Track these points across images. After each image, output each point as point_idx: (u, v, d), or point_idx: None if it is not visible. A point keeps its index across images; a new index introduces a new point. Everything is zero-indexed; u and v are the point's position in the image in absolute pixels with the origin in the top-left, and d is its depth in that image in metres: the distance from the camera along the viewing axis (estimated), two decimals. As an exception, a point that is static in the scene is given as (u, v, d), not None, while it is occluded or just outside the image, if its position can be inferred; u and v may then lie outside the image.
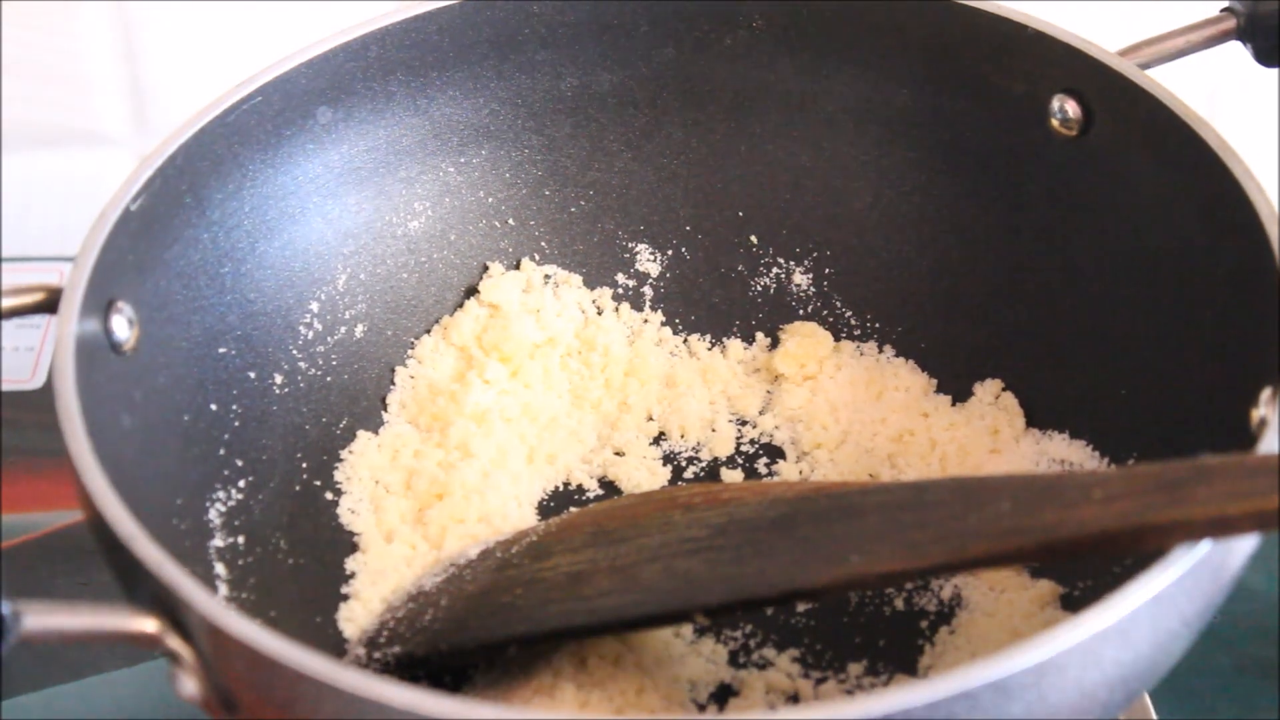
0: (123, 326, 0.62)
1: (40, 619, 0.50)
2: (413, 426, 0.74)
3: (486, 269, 0.77)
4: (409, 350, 0.76)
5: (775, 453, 0.74)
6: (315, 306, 0.73)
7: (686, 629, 0.65)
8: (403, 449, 0.73)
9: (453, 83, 0.76)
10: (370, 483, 0.72)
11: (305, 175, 0.72)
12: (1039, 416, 0.72)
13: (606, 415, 0.75)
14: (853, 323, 0.77)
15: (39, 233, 1.00)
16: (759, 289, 0.78)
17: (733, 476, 0.73)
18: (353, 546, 0.70)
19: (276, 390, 0.71)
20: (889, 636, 0.65)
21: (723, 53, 0.77)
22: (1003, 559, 0.55)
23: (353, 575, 0.68)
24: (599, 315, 0.78)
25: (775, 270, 0.78)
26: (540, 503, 0.72)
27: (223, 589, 0.64)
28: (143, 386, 0.63)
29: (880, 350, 0.76)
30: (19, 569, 0.80)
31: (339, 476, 0.72)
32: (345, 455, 0.72)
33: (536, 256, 0.78)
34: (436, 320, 0.76)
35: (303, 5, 0.94)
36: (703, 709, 0.63)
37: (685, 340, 0.78)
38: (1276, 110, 0.94)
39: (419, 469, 0.71)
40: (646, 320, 0.78)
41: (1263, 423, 0.56)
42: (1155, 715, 0.69)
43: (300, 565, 0.68)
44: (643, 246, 0.79)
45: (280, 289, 0.72)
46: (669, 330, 0.78)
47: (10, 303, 0.61)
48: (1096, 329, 0.70)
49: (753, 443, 0.74)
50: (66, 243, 0.71)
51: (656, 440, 0.75)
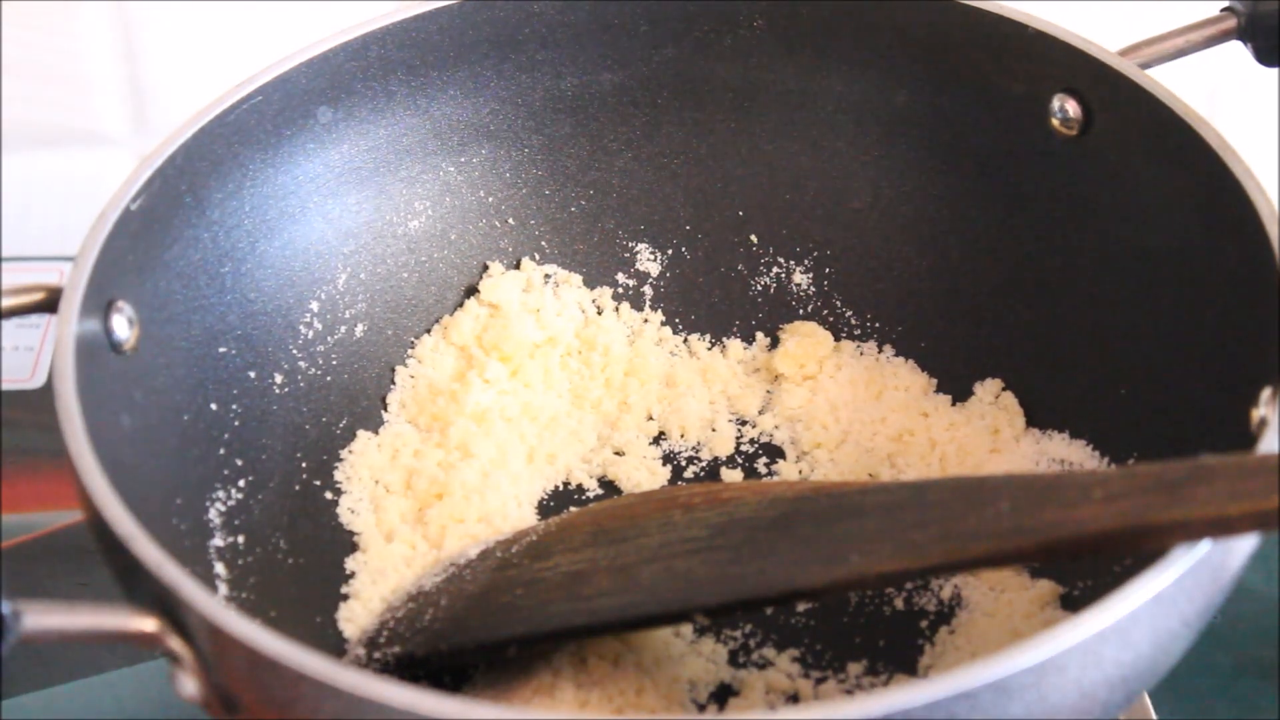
0: (123, 326, 0.62)
1: (40, 619, 0.50)
2: (413, 426, 0.74)
3: (486, 268, 0.77)
4: (409, 350, 0.76)
5: (775, 453, 0.74)
6: (315, 306, 0.73)
7: (686, 629, 0.65)
8: (403, 449, 0.73)
9: (453, 82, 0.76)
10: (370, 482, 0.72)
11: (305, 175, 0.72)
12: (1039, 416, 0.72)
13: (606, 415, 0.75)
14: (853, 322, 0.77)
15: (39, 233, 1.00)
16: (759, 289, 0.78)
17: (733, 476, 0.73)
18: (353, 546, 0.70)
19: (276, 390, 0.71)
20: (889, 636, 0.65)
21: (723, 53, 0.77)
22: (1003, 559, 0.55)
23: (352, 575, 0.68)
24: (599, 315, 0.78)
25: (775, 270, 0.78)
26: (540, 502, 0.72)
27: (223, 589, 0.64)
28: (143, 386, 0.63)
29: (880, 350, 0.76)
30: (19, 569, 0.80)
31: (339, 476, 0.72)
32: (345, 455, 0.72)
33: (536, 256, 0.78)
34: (436, 320, 0.76)
35: (303, 5, 0.94)
36: (703, 709, 0.63)
37: (685, 340, 0.78)
38: (1276, 110, 0.94)
39: (419, 469, 0.71)
40: (646, 320, 0.78)
41: (1263, 422, 0.56)
42: (1155, 715, 0.69)
43: (300, 565, 0.68)
44: (643, 246, 0.79)
45: (280, 288, 0.72)
46: (669, 330, 0.78)
47: (10, 302, 0.61)
48: (1097, 328, 0.70)
49: (753, 443, 0.74)
50: (66, 243, 0.71)
51: (656, 440, 0.75)
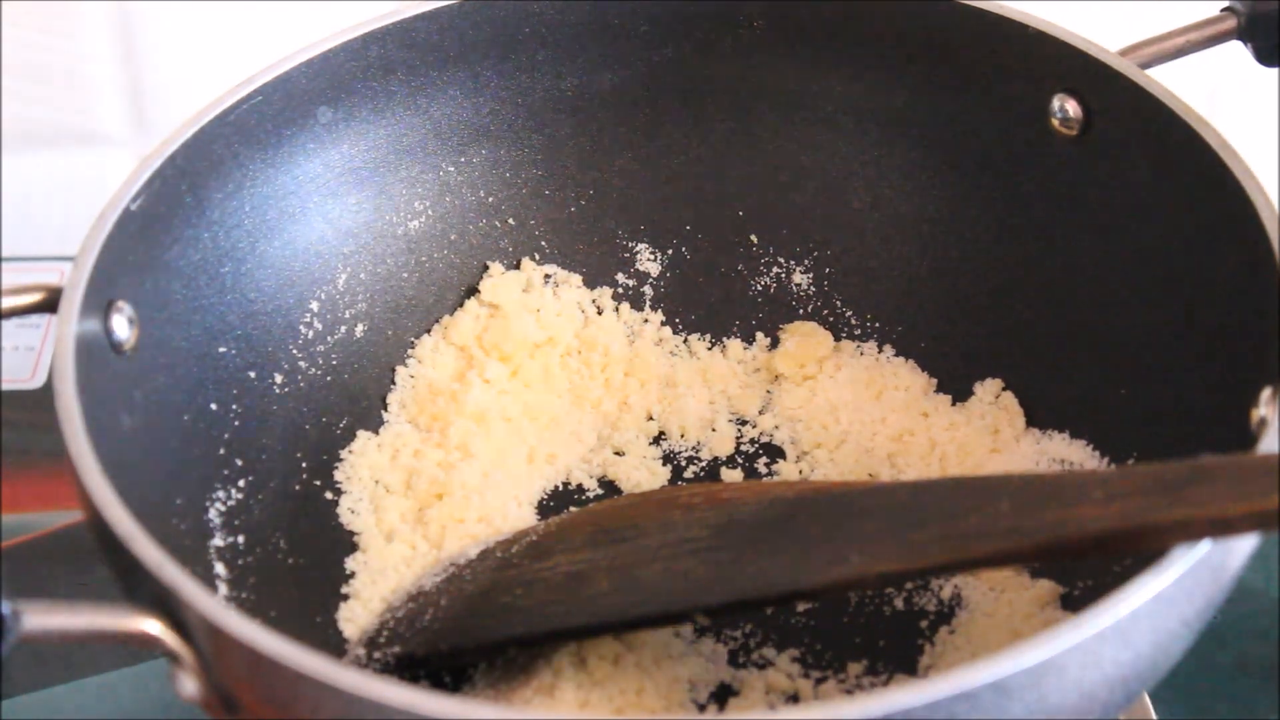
0: (123, 326, 0.62)
1: (40, 619, 0.50)
2: (413, 426, 0.74)
3: (487, 269, 0.77)
4: (409, 350, 0.76)
5: (775, 452, 0.74)
6: (315, 306, 0.73)
7: (686, 629, 0.65)
8: (403, 449, 0.72)
9: (453, 82, 0.76)
10: (370, 482, 0.72)
11: (305, 175, 0.72)
12: (1039, 416, 0.72)
13: (606, 415, 0.75)
14: (853, 322, 0.77)
15: (39, 233, 1.00)
16: (759, 289, 0.78)
17: (733, 476, 0.73)
18: (352, 546, 0.70)
19: (276, 390, 0.71)
20: (889, 636, 0.65)
21: (723, 53, 0.77)
22: (1004, 559, 0.55)
23: (352, 575, 0.68)
24: (599, 315, 0.78)
25: (775, 270, 0.78)
26: (540, 502, 0.72)
27: (222, 589, 0.64)
28: (143, 386, 0.63)
29: (880, 350, 0.76)
30: (19, 569, 0.80)
31: (339, 476, 0.72)
32: (345, 455, 0.72)
33: (536, 256, 0.78)
34: (437, 320, 0.76)
35: (302, 5, 0.94)
36: (703, 709, 0.63)
37: (685, 340, 0.78)
38: (1276, 110, 0.94)
39: (419, 469, 0.71)
40: (646, 320, 0.78)
41: (1263, 422, 0.56)
42: (1155, 715, 0.69)
43: (300, 565, 0.68)
44: (643, 246, 0.79)
45: (280, 288, 0.72)
46: (669, 330, 0.78)
47: (10, 303, 0.61)
48: (1097, 328, 0.70)
49: (753, 442, 0.74)
50: (66, 243, 0.71)
51: (656, 440, 0.75)
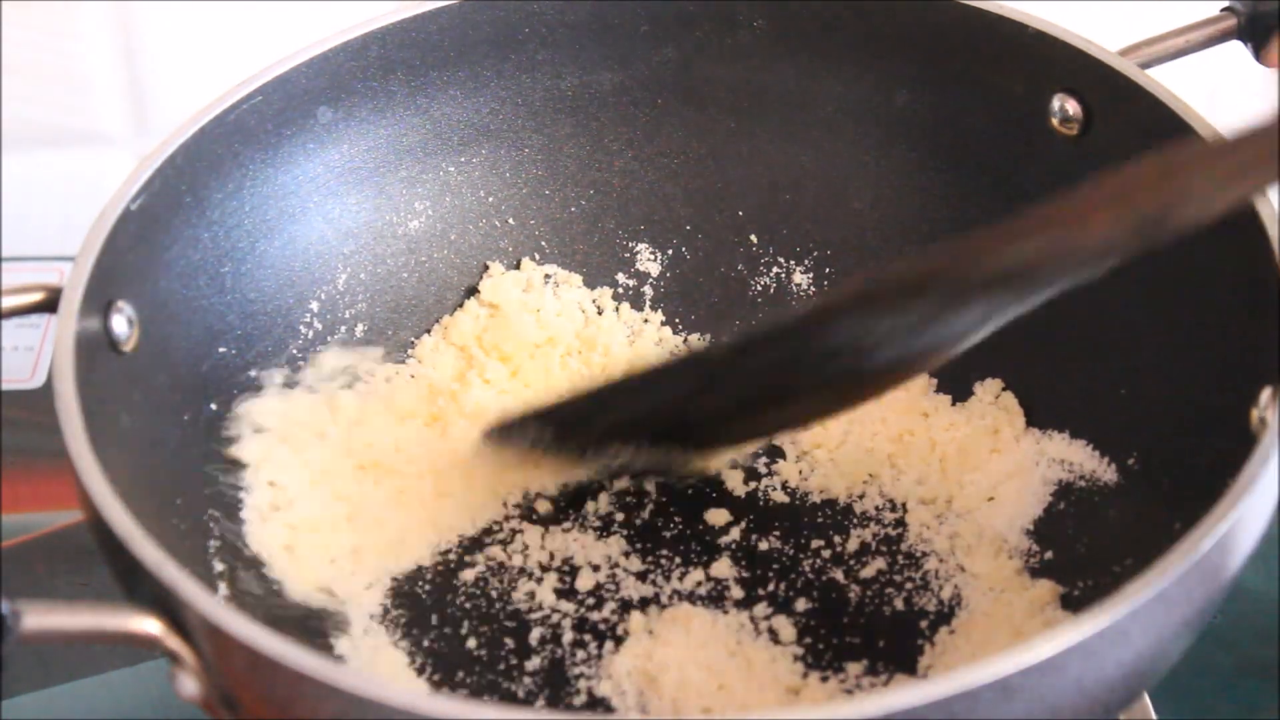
0: (123, 326, 0.62)
1: (40, 619, 0.50)
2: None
3: (487, 269, 0.77)
4: (409, 350, 0.76)
5: (775, 452, 0.73)
6: (315, 306, 0.73)
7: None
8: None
9: (453, 82, 0.76)
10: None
11: (305, 175, 0.72)
12: (1039, 416, 0.72)
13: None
14: (853, 322, 0.77)
15: (39, 233, 1.00)
16: (759, 289, 0.78)
17: (732, 476, 0.73)
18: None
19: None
20: (889, 636, 0.65)
21: (723, 53, 0.77)
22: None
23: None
24: (599, 315, 0.78)
25: (775, 270, 0.78)
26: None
27: (222, 588, 0.64)
28: (142, 386, 0.63)
29: (880, 350, 0.76)
30: (19, 569, 0.80)
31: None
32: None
33: (537, 256, 0.78)
34: (437, 320, 0.76)
35: (303, 5, 0.94)
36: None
37: (685, 340, 0.78)
38: (1277, 111, 0.94)
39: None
40: (646, 320, 0.78)
41: (1263, 423, 0.57)
42: (1155, 715, 0.69)
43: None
44: (643, 246, 0.79)
45: (280, 288, 0.72)
46: (669, 330, 0.78)
47: (10, 302, 0.61)
48: (1097, 328, 0.70)
49: (753, 442, 0.74)
50: (66, 243, 0.71)
51: (656, 440, 0.75)
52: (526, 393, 0.74)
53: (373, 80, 0.74)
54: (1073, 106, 0.70)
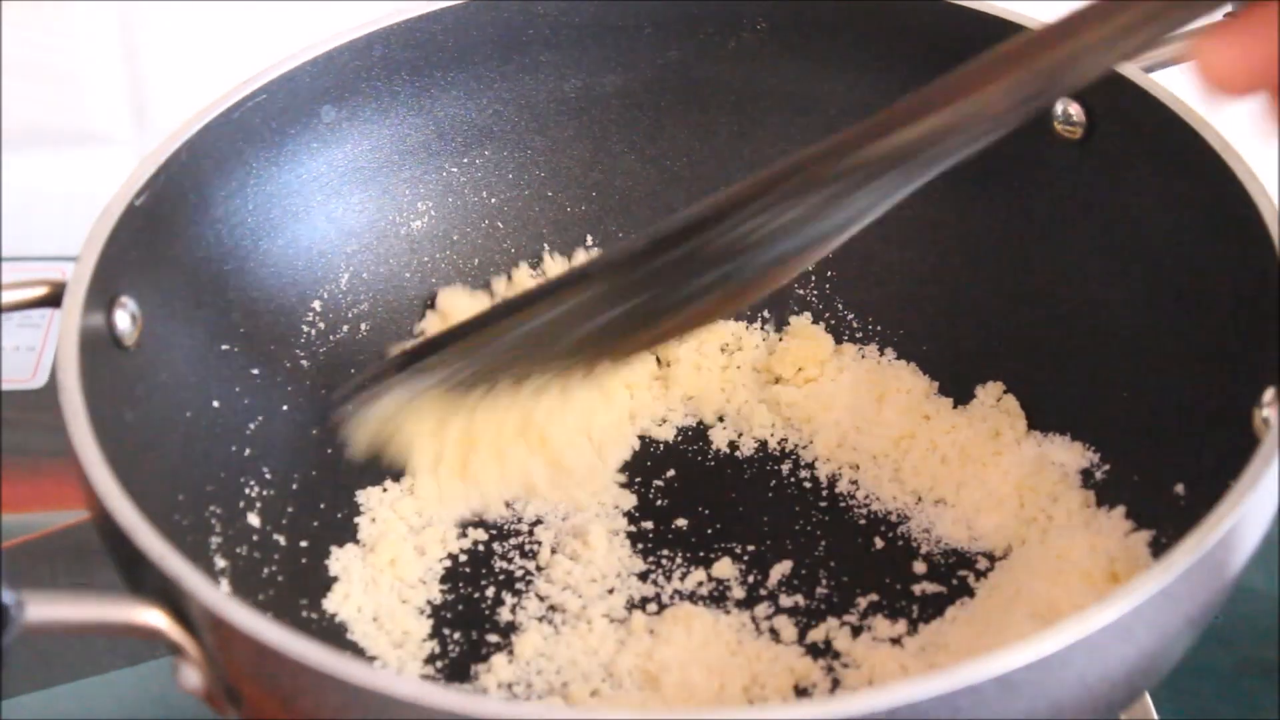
0: (126, 322, 0.62)
1: (44, 609, 0.50)
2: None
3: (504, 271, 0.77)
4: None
5: (775, 454, 0.74)
6: (318, 305, 0.73)
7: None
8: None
9: (456, 83, 0.76)
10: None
11: (309, 174, 0.73)
12: (1040, 419, 0.72)
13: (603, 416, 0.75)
14: (854, 325, 0.77)
15: (39, 232, 1.00)
16: (760, 290, 0.78)
17: (732, 476, 0.73)
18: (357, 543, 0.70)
19: (279, 388, 0.71)
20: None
21: (726, 55, 0.77)
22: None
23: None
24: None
25: (777, 271, 0.78)
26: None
27: (224, 584, 0.64)
28: (145, 382, 0.63)
29: (881, 353, 0.76)
30: (19, 569, 0.80)
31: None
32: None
33: (538, 257, 0.78)
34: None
35: (306, 5, 0.94)
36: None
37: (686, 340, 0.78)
38: (1277, 116, 0.94)
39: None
40: (648, 321, 0.78)
41: (1266, 423, 0.57)
42: (1156, 715, 0.69)
43: (301, 562, 0.68)
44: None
45: (283, 287, 0.72)
46: (670, 331, 0.78)
47: (14, 296, 0.61)
48: (1098, 331, 0.70)
49: (753, 442, 0.74)
50: (67, 243, 0.70)
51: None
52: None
53: (376, 80, 0.74)
54: (1075, 110, 0.70)
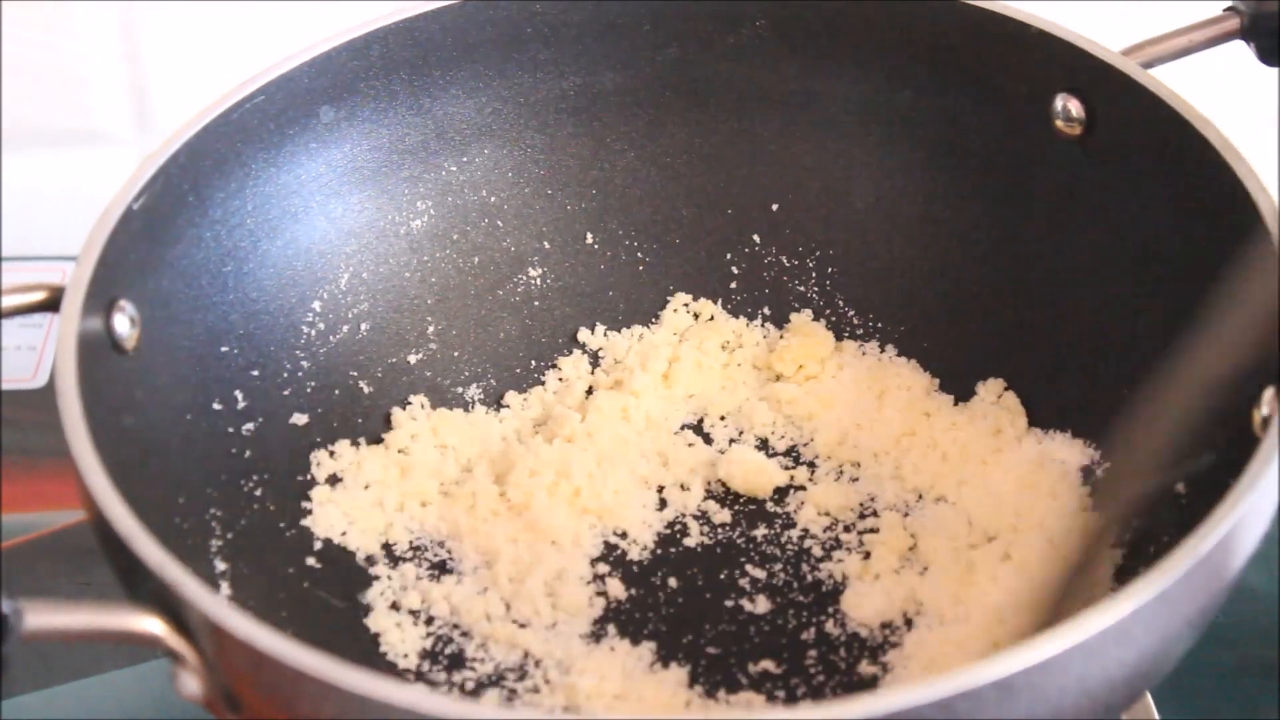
0: (125, 325, 0.62)
1: (42, 617, 0.50)
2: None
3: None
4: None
5: (775, 452, 0.74)
6: (318, 306, 0.73)
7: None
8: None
9: (455, 82, 0.76)
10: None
11: (308, 174, 0.72)
12: (1041, 416, 0.72)
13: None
14: (855, 322, 0.77)
15: (40, 233, 1.00)
16: (761, 289, 0.78)
17: (734, 476, 0.73)
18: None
19: (279, 389, 0.71)
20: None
21: (726, 53, 0.77)
22: None
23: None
24: (601, 315, 0.78)
25: (777, 270, 0.78)
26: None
27: (224, 588, 0.64)
28: (145, 385, 0.63)
29: (882, 350, 0.76)
30: (20, 569, 0.80)
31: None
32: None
33: (538, 257, 0.78)
34: (440, 320, 0.76)
35: (305, 5, 0.94)
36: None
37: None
38: (1278, 110, 0.94)
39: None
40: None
41: (1265, 422, 0.56)
42: (1157, 715, 0.69)
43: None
44: (646, 246, 0.79)
45: (283, 288, 0.72)
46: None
47: (12, 301, 0.61)
48: (1099, 328, 0.70)
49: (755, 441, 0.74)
50: (68, 243, 0.71)
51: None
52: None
53: (375, 80, 0.74)
54: (1075, 107, 0.70)
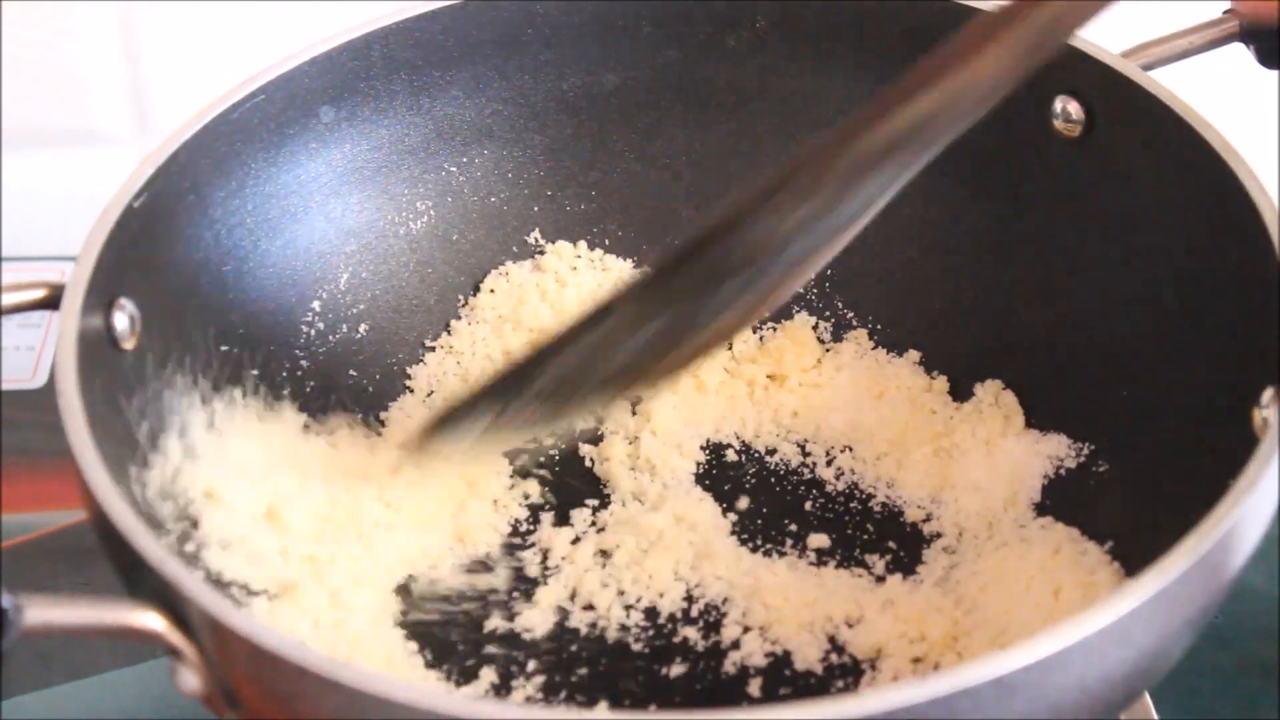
0: (124, 323, 0.62)
1: (42, 612, 0.50)
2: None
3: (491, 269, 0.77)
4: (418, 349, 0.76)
5: (774, 450, 0.74)
6: (318, 306, 0.73)
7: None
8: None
9: (455, 82, 0.76)
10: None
11: (308, 174, 0.73)
12: (1039, 416, 0.72)
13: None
14: (853, 322, 0.77)
15: (39, 233, 1.00)
16: (760, 289, 0.78)
17: (733, 476, 0.73)
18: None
19: (279, 389, 0.71)
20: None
21: (725, 53, 0.77)
22: None
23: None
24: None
25: (777, 270, 0.78)
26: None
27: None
28: (144, 384, 0.63)
29: (881, 350, 0.76)
30: (19, 569, 0.80)
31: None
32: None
33: (538, 257, 0.78)
34: (439, 320, 0.76)
35: (305, 5, 0.94)
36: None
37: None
38: (1278, 112, 0.94)
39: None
40: (648, 321, 0.78)
41: (1265, 423, 0.57)
42: (1156, 715, 0.69)
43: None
44: (645, 247, 0.79)
45: (282, 288, 0.72)
46: (670, 330, 0.78)
47: (12, 299, 0.61)
48: (1098, 329, 0.70)
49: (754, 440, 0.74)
50: (67, 243, 0.71)
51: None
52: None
53: (375, 80, 0.74)
54: (1075, 108, 0.70)
